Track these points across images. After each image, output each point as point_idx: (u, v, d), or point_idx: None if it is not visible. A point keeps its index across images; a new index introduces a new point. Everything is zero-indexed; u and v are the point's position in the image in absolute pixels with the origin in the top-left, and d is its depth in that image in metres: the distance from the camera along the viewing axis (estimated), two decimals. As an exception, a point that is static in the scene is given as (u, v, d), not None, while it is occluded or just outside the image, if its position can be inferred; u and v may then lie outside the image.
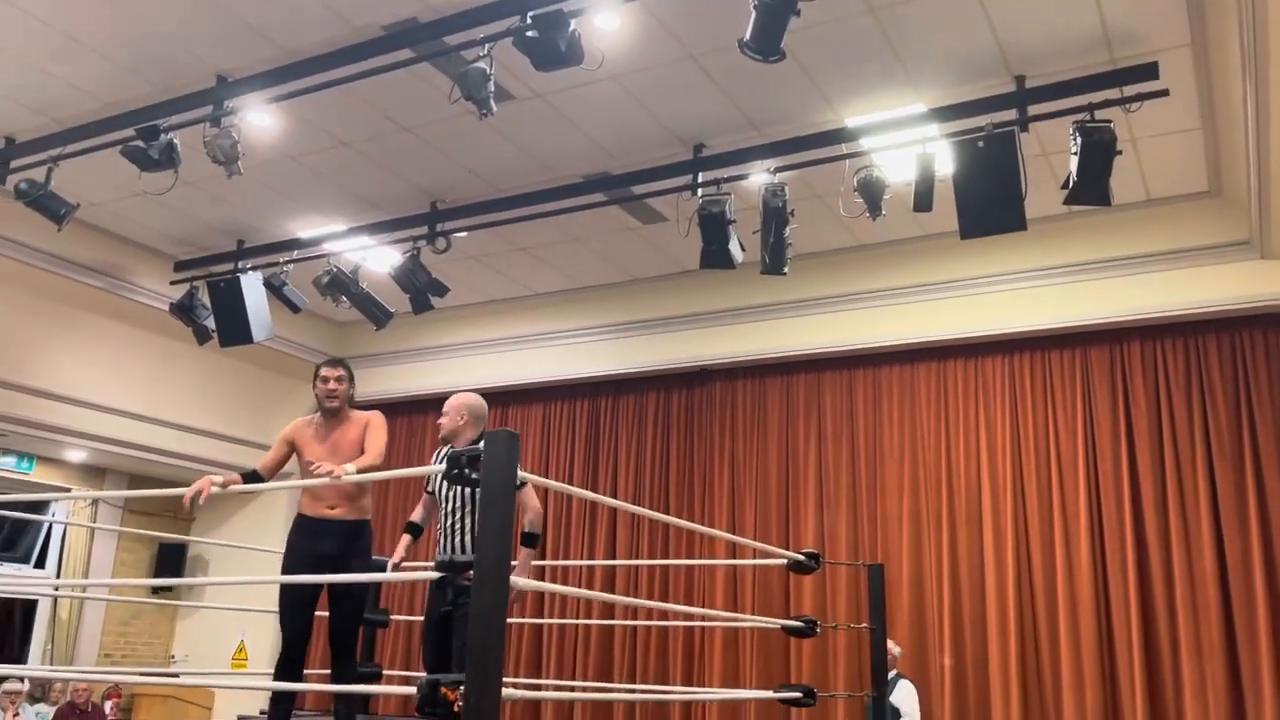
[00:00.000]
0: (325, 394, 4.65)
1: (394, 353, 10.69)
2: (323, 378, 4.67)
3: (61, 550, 10.36)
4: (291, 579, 4.41)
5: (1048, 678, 7.58)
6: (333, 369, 4.70)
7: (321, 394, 4.67)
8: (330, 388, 4.65)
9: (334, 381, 4.65)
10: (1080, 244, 7.86)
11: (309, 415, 4.79)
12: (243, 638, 10.62)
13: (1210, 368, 7.58)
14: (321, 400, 4.67)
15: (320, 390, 4.67)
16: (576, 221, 8.09)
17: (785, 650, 8.50)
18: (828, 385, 8.98)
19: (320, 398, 4.68)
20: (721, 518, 9.07)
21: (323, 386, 4.66)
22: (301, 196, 8.14)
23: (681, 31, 5.89)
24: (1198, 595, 7.24)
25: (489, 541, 2.82)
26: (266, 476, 4.60)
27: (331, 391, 4.65)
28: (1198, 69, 6.06)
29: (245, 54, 6.24)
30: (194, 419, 10.20)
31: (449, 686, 2.94)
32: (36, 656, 10.07)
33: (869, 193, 6.27)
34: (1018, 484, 8.01)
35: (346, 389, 4.69)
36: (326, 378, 4.66)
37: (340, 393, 4.66)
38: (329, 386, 4.65)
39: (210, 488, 4.21)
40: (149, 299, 9.17)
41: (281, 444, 4.70)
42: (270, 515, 10.59)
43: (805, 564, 5.29)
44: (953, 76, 6.23)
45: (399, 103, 6.69)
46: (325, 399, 4.66)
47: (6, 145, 7.28)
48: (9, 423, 8.75)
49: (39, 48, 6.26)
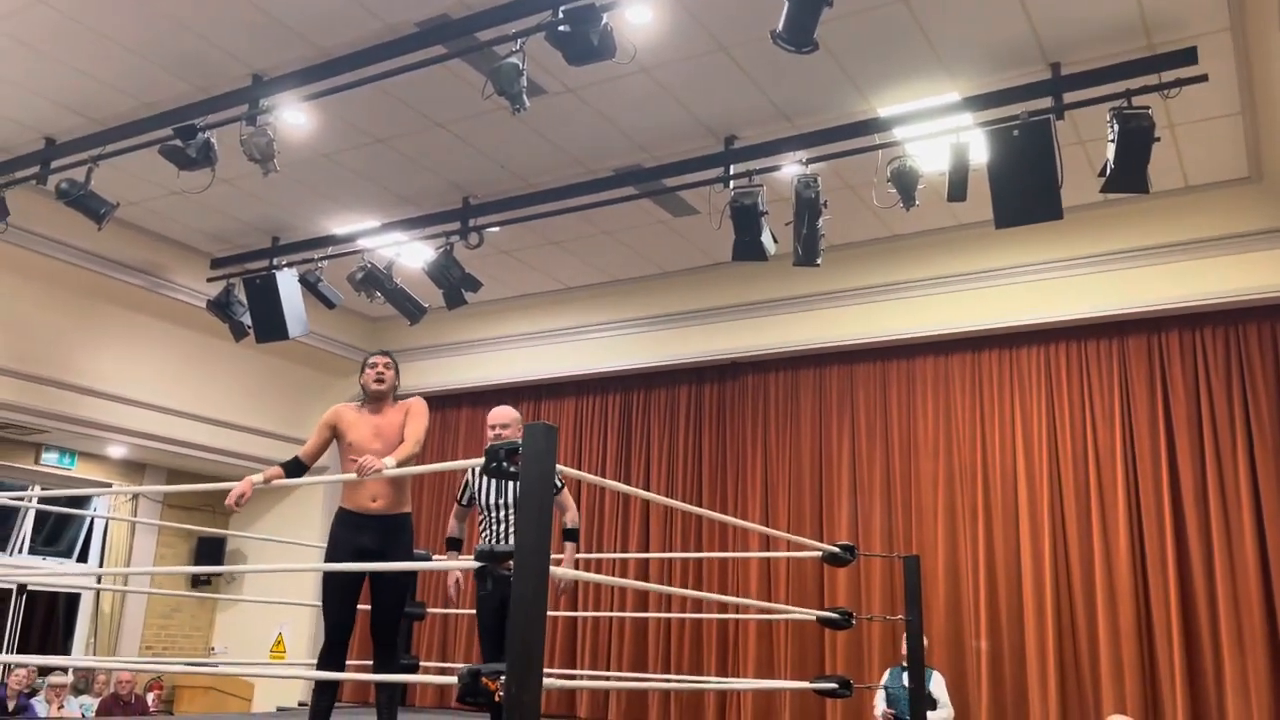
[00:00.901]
0: (374, 378, 4.74)
1: (427, 347, 10.76)
2: (371, 364, 4.78)
3: (104, 544, 10.54)
4: (334, 566, 4.46)
5: (1086, 669, 7.53)
6: (382, 356, 4.83)
7: (370, 378, 4.75)
8: (379, 372, 4.74)
9: (382, 367, 4.76)
10: (1117, 232, 7.77)
11: (343, 405, 4.84)
12: (281, 630, 10.76)
13: (1251, 356, 7.48)
14: (369, 384, 4.75)
15: (369, 375, 4.76)
16: (608, 215, 8.10)
17: (820, 642, 8.49)
18: (861, 377, 8.95)
19: (368, 382, 4.75)
20: (755, 510, 9.06)
21: (371, 371, 4.75)
22: (336, 193, 8.21)
23: (712, 23, 5.88)
24: (1239, 587, 7.15)
25: (528, 530, 2.85)
26: (308, 463, 4.67)
27: (380, 375, 4.74)
28: (1237, 53, 5.96)
29: (280, 53, 6.30)
30: (231, 414, 10.34)
31: (489, 676, 2.97)
32: (80, 649, 10.25)
33: (902, 183, 6.23)
34: (1054, 475, 7.94)
35: (393, 377, 4.78)
36: (375, 363, 4.77)
37: (389, 378, 4.76)
38: (378, 370, 4.75)
39: (251, 488, 4.29)
40: (186, 296, 9.29)
41: (323, 429, 4.75)
42: (307, 509, 10.72)
43: (841, 556, 5.28)
44: (987, 65, 6.17)
45: (432, 99, 6.73)
46: (374, 382, 4.74)
47: (47, 146, 7.39)
48: (51, 419, 8.91)
49: (77, 49, 6.35)
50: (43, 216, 8.02)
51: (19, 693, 8.49)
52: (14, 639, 9.68)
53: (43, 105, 7.04)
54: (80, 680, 9.51)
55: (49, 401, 8.80)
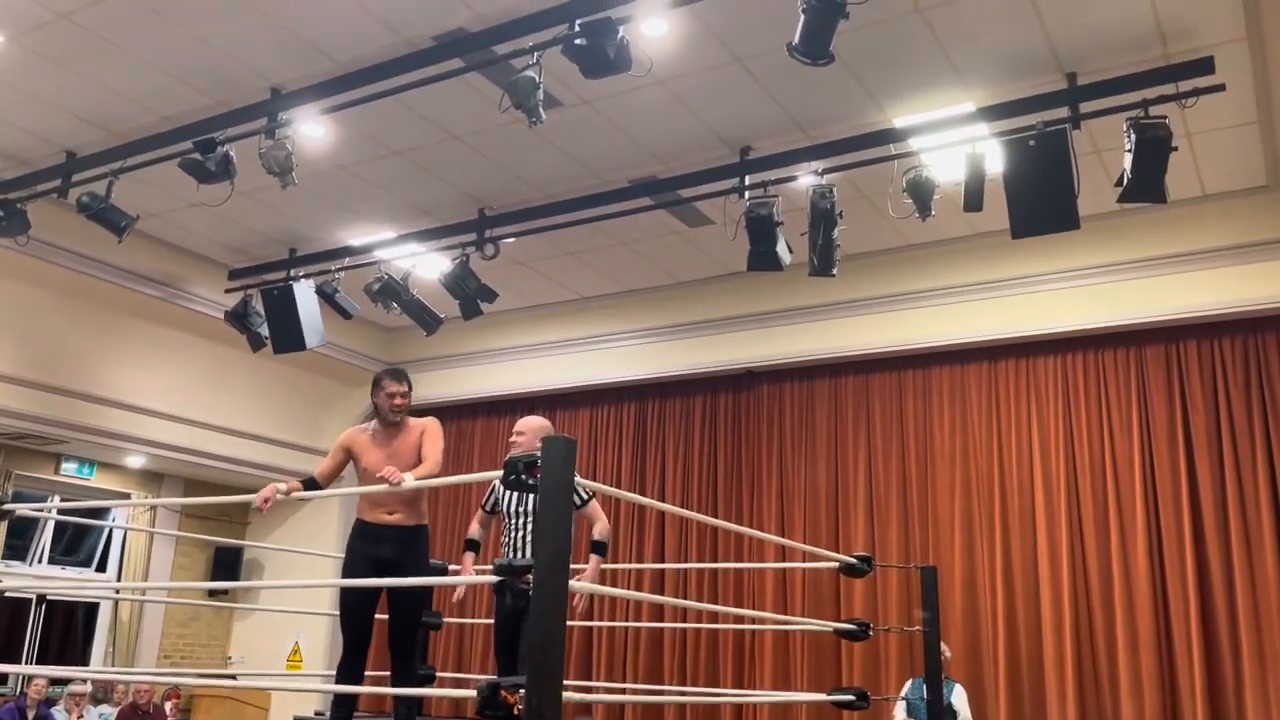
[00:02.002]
0: (390, 408, 4.69)
1: (444, 357, 10.79)
2: (389, 393, 4.69)
3: (122, 554, 10.58)
4: (352, 582, 4.48)
5: (1105, 680, 7.48)
6: (398, 383, 4.70)
7: (386, 407, 4.69)
8: (397, 403, 4.68)
9: (400, 397, 4.69)
10: (1134, 241, 7.74)
11: (363, 424, 4.85)
12: (297, 639, 10.79)
13: (1270, 366, 7.43)
14: (386, 413, 4.70)
15: (385, 403, 4.70)
16: (623, 226, 8.12)
17: (836, 653, 8.46)
18: (877, 387, 8.93)
19: (384, 410, 4.71)
20: (770, 521, 9.04)
21: (388, 401, 4.68)
22: (353, 205, 8.26)
23: (728, 35, 5.89)
24: (1259, 600, 7.09)
25: (547, 542, 2.85)
26: (324, 484, 4.68)
27: (398, 406, 4.69)
28: (1254, 62, 5.95)
29: (298, 67, 6.35)
30: (248, 424, 10.38)
31: (508, 690, 2.97)
32: (99, 658, 10.30)
33: (918, 193, 6.23)
34: (1072, 486, 7.91)
35: (409, 403, 4.74)
36: (394, 393, 4.68)
37: (405, 407, 4.71)
38: (395, 402, 4.68)
39: (275, 494, 4.32)
40: (204, 307, 9.35)
41: (338, 451, 4.77)
42: (323, 521, 10.75)
43: (858, 567, 5.26)
44: (1002, 75, 6.17)
45: (448, 112, 6.76)
46: (390, 413, 4.69)
47: (68, 159, 7.46)
48: (71, 430, 8.97)
49: (98, 63, 6.41)
50: (64, 229, 8.09)
51: (38, 701, 8.53)
52: (34, 648, 9.73)
53: (64, 119, 7.11)
54: (99, 690, 9.55)
55: (68, 412, 8.87)
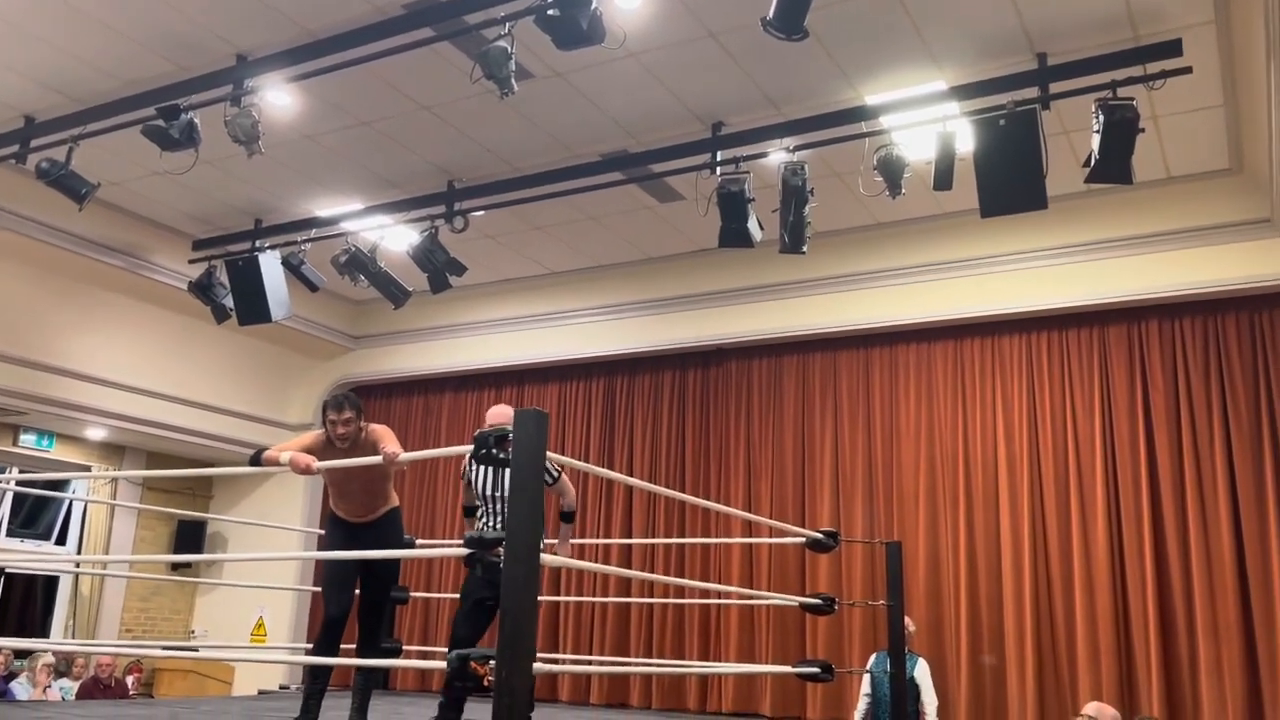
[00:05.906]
0: (336, 437, 4.55)
1: (412, 331, 10.74)
2: (331, 421, 4.55)
3: (82, 527, 10.46)
4: (318, 555, 4.50)
5: (1063, 655, 7.62)
6: (339, 412, 4.54)
7: (333, 435, 4.56)
8: (339, 431, 4.54)
9: (342, 426, 4.53)
10: (1099, 222, 7.83)
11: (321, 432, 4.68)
12: (261, 613, 10.73)
13: (1229, 347, 7.56)
14: (334, 438, 4.57)
15: (330, 431, 4.56)
16: (594, 200, 8.09)
17: (801, 628, 8.54)
18: (844, 364, 8.99)
19: (332, 438, 4.57)
20: (737, 497, 9.10)
21: (332, 430, 4.55)
22: (320, 175, 8.15)
23: (701, 9, 5.86)
24: (1214, 576, 7.24)
25: (520, 516, 2.85)
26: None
27: (343, 435, 4.55)
28: (1220, 46, 6.01)
29: (266, 33, 6.24)
30: (212, 397, 10.29)
31: (478, 661, 2.97)
32: (58, 632, 10.19)
33: (889, 171, 6.26)
34: (1035, 463, 8.02)
35: (356, 428, 4.57)
36: (335, 421, 4.53)
37: (350, 434, 4.55)
38: (338, 430, 4.54)
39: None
40: (168, 278, 9.21)
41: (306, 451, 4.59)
42: (287, 494, 10.70)
43: (824, 542, 5.32)
44: (974, 54, 6.19)
45: (418, 82, 6.69)
46: (338, 440, 4.55)
47: (27, 124, 7.30)
48: (29, 401, 8.84)
49: (58, 26, 6.27)
50: (22, 196, 7.93)
51: (-2, 675, 8.44)
52: (-9, 621, 9.62)
53: (22, 83, 6.95)
54: (60, 663, 9.45)
55: (27, 383, 8.73)
